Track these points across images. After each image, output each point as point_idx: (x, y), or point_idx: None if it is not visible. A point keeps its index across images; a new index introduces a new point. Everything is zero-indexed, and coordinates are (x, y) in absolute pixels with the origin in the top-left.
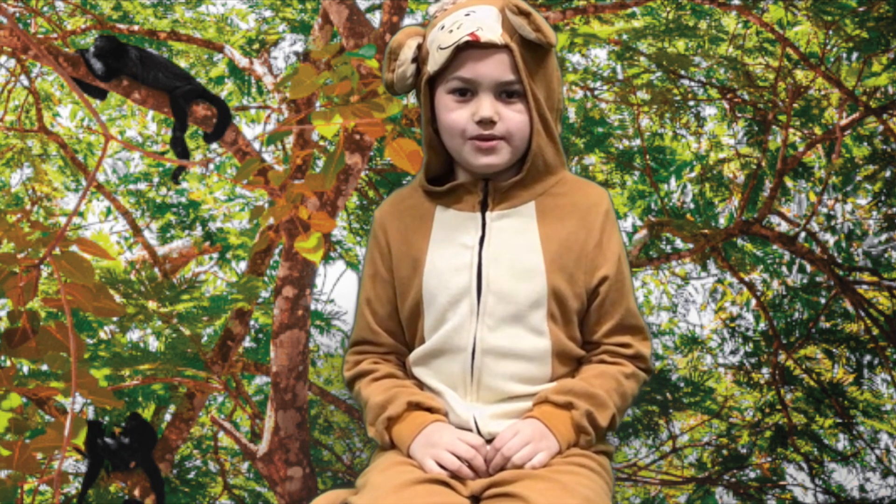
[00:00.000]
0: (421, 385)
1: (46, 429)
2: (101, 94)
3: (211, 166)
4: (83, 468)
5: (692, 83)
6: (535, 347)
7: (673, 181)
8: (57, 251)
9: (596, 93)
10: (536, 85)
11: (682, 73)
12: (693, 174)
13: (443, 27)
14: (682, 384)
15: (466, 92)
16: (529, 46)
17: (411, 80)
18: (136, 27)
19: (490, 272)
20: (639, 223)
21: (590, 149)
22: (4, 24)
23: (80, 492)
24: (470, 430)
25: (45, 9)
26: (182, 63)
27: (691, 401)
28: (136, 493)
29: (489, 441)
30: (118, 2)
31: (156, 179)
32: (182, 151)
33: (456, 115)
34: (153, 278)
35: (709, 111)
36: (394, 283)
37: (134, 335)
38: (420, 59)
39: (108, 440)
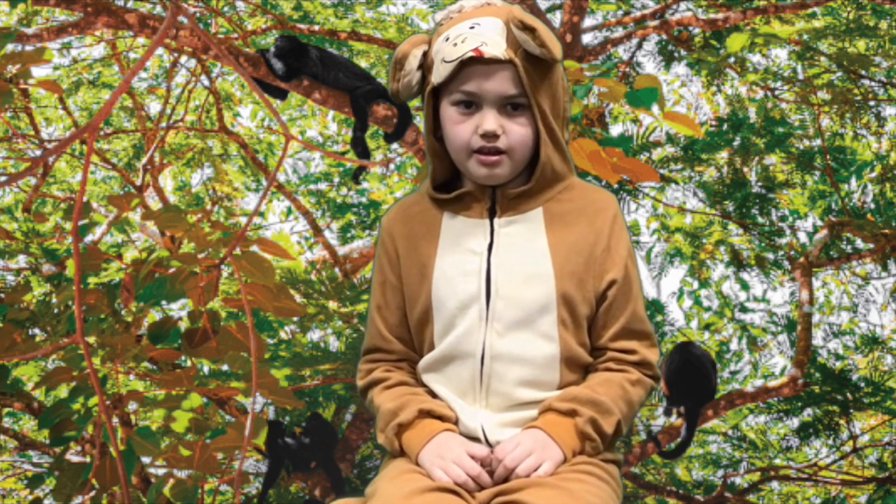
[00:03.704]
0: (432, 393)
1: (227, 429)
2: (282, 94)
3: (391, 166)
4: (263, 468)
5: (873, 83)
6: (544, 353)
7: (853, 181)
8: (237, 251)
9: (776, 93)
10: (541, 97)
11: (863, 73)
12: (874, 174)
13: (447, 38)
14: (862, 384)
15: (471, 105)
16: (534, 60)
17: (417, 87)
18: (316, 27)
19: (499, 278)
20: (819, 223)
21: (770, 149)
22: (185, 24)
23: (260, 492)
24: (478, 439)
25: (226, 9)
26: (362, 63)
27: (872, 401)
28: (317, 493)
29: None
30: (299, 2)
31: (336, 179)
32: (363, 151)
33: (460, 129)
34: (334, 278)
35: (889, 111)
36: (403, 289)
37: (314, 335)
38: (426, 66)
39: (288, 440)
